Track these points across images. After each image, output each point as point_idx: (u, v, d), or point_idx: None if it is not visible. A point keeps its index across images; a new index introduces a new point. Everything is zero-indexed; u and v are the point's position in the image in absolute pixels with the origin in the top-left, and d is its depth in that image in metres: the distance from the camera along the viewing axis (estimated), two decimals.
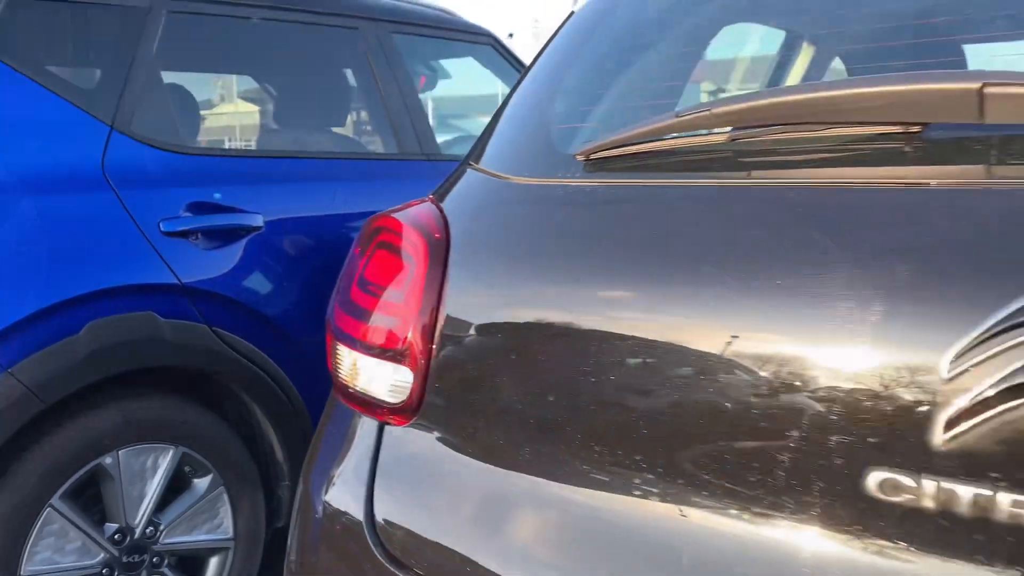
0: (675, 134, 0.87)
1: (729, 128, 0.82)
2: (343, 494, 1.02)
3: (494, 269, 0.99)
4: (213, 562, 2.18)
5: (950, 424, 0.63)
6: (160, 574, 2.06)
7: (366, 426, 1.05)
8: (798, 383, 0.70)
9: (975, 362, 0.62)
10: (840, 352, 0.68)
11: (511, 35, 40.70)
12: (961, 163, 0.71)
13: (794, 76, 2.20)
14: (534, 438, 0.87)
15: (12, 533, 1.79)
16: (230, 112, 2.95)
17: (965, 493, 0.61)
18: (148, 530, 2.02)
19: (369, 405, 1.05)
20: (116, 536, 1.97)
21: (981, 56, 1.66)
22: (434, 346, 0.98)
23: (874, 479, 0.65)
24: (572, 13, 1.31)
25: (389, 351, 1.02)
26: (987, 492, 0.61)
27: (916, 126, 0.73)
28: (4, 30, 1.93)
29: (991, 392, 0.60)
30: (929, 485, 0.63)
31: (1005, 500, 0.59)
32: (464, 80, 3.89)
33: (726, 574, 0.70)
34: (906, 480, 0.64)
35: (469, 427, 0.93)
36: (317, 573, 1.01)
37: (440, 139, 3.06)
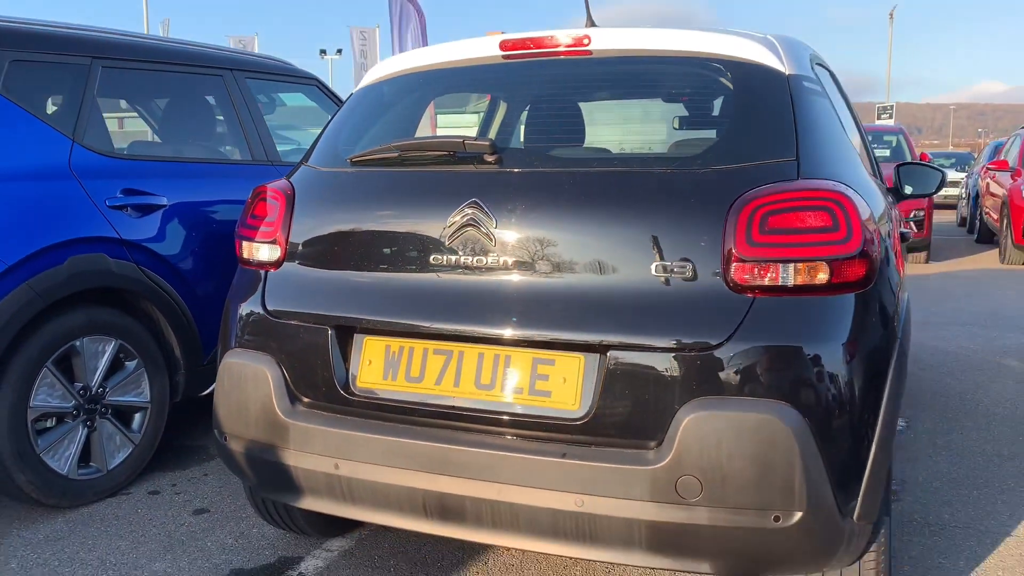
0: (382, 154, 2.32)
1: (397, 151, 2.28)
2: (249, 302, 2.38)
3: (313, 207, 2.39)
4: (137, 416, 3.43)
5: (452, 234, 2.08)
6: (107, 419, 3.30)
7: (257, 275, 2.42)
8: (433, 239, 2.15)
9: (453, 220, 2.09)
10: (437, 221, 2.14)
11: (339, 51, 40.71)
12: (464, 164, 2.20)
13: (497, 120, 3.72)
14: (330, 261, 2.28)
15: (25, 381, 2.99)
16: (142, 131, 4.16)
17: (455, 252, 2.09)
18: (99, 390, 3.26)
19: (258, 264, 2.42)
20: (80, 391, 3.20)
21: (590, 111, 3.22)
22: (288, 238, 2.37)
23: (438, 258, 2.11)
24: (352, 94, 2.75)
25: (267, 240, 2.40)
26: (465, 254, 2.09)
27: (453, 151, 2.22)
28: (8, 79, 3.13)
29: (456, 228, 2.08)
30: (445, 255, 2.11)
31: (456, 239, 2.09)
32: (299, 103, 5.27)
33: (443, 287, 2.13)
34: (445, 255, 2.10)
35: (304, 263, 2.33)
36: (243, 335, 2.37)
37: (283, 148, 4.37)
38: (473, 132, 3.56)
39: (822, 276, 1.89)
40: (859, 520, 1.92)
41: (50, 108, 3.32)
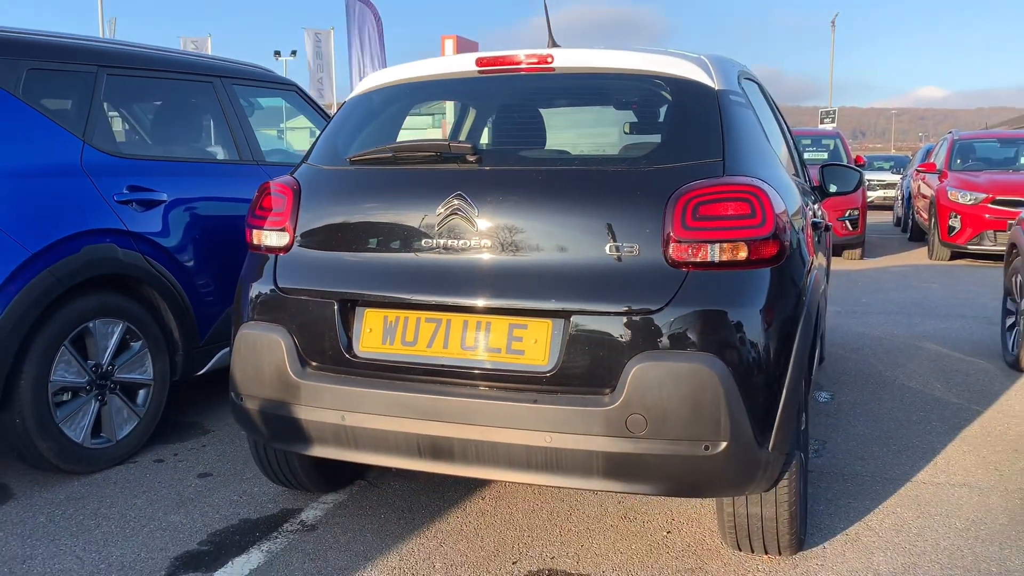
0: (378, 154, 2.72)
1: (391, 152, 2.69)
2: (261, 282, 2.75)
3: (318, 200, 2.78)
4: (141, 392, 3.77)
5: (441, 222, 2.48)
6: (116, 394, 3.63)
7: (268, 258, 2.80)
8: (425, 226, 2.56)
9: (440, 210, 2.49)
10: (427, 210, 2.54)
11: (294, 52, 40.69)
12: (448, 163, 2.61)
13: (467, 124, 4.14)
14: (334, 245, 2.67)
15: (46, 358, 3.32)
16: (143, 133, 4.49)
17: (444, 236, 2.50)
18: (109, 367, 3.60)
19: (268, 249, 2.80)
20: (93, 368, 3.54)
21: (553, 118, 3.66)
22: (296, 226, 2.76)
23: (429, 242, 2.51)
24: (345, 102, 3.14)
25: (277, 228, 2.78)
26: (451, 238, 2.50)
27: (440, 152, 2.63)
28: (26, 86, 3.46)
29: (443, 217, 2.49)
30: (435, 239, 2.51)
31: (444, 226, 2.50)
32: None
33: (433, 266, 2.54)
34: (435, 239, 2.51)
35: (311, 247, 2.71)
36: (257, 309, 2.74)
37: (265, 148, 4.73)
38: (425, 132, 3.96)
39: (742, 254, 2.35)
40: (774, 450, 2.38)
41: (62, 112, 3.64)
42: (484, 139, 3.73)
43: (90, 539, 2.92)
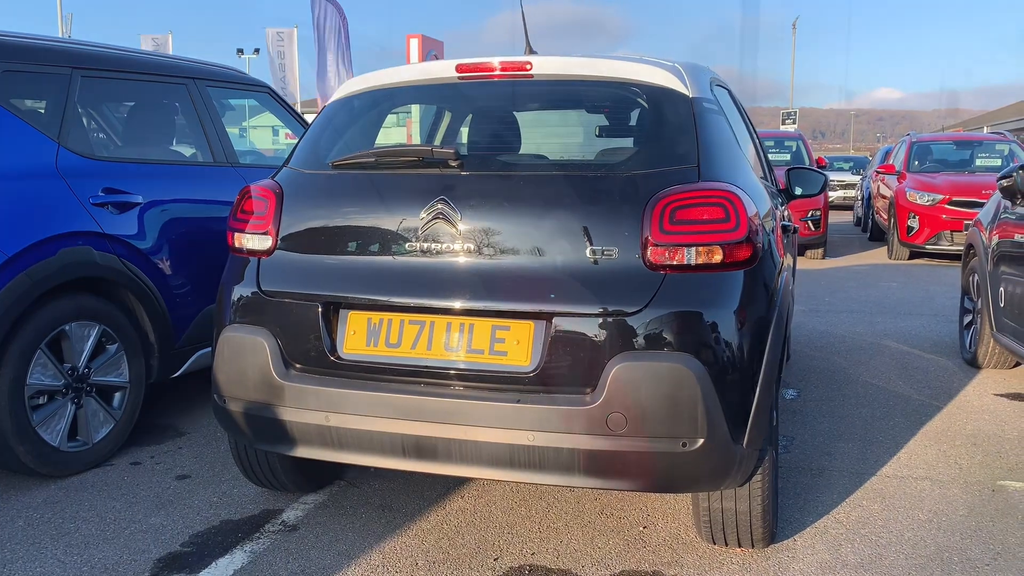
0: (361, 159, 2.76)
1: (374, 157, 2.73)
2: (244, 285, 2.78)
3: (301, 203, 2.81)
4: (117, 395, 3.77)
5: (424, 226, 2.53)
6: (92, 397, 3.62)
7: (250, 261, 2.82)
8: (408, 230, 2.61)
9: (424, 215, 2.55)
10: (411, 215, 2.59)
11: (256, 50, 40.31)
12: (431, 167, 2.67)
13: (442, 127, 4.19)
14: (317, 249, 2.71)
15: (23, 361, 3.31)
16: (118, 136, 4.46)
17: (427, 240, 2.56)
18: (85, 370, 3.59)
19: (250, 252, 2.82)
20: (69, 371, 3.53)
21: (532, 123, 3.71)
22: (279, 229, 2.79)
23: (412, 245, 2.56)
24: (324, 106, 3.18)
25: (260, 232, 2.81)
26: (435, 242, 2.56)
27: (423, 157, 2.68)
28: (0, 88, 3.44)
29: (426, 221, 2.56)
30: (418, 243, 2.56)
31: (428, 230, 2.55)
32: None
33: (416, 269, 2.58)
34: (418, 243, 2.56)
35: (295, 251, 2.75)
36: (239, 312, 2.77)
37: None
38: (390, 131, 4.00)
39: (717, 257, 2.43)
40: (747, 447, 2.46)
41: (36, 114, 3.62)
42: (464, 144, 3.78)
43: (71, 542, 2.92)
